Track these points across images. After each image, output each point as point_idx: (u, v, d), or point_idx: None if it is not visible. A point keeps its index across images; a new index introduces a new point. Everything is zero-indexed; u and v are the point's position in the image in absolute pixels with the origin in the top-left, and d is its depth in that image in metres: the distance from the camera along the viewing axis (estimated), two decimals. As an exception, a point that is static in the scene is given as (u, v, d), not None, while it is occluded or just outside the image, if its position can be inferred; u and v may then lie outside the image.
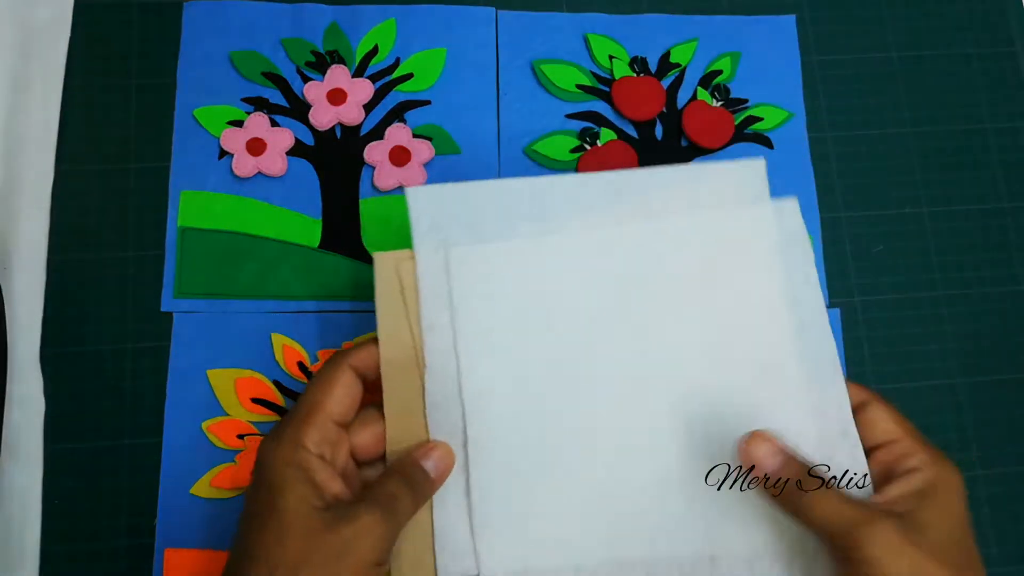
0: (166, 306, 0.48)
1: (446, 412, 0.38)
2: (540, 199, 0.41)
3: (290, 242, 0.49)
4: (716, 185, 0.41)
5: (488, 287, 0.39)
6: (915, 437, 0.37)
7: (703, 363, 0.40)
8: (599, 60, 0.53)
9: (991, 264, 0.52)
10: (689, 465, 0.39)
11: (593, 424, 0.39)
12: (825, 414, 0.39)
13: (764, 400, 0.39)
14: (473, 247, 0.40)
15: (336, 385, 0.36)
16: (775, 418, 0.38)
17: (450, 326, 0.39)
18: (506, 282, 0.40)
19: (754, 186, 0.41)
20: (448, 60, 0.53)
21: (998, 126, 0.55)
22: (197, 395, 0.46)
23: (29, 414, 0.46)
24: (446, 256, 0.39)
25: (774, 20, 0.55)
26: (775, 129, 0.53)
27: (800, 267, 0.40)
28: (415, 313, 0.39)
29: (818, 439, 0.38)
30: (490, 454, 0.38)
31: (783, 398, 0.39)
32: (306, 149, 0.51)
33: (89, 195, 0.49)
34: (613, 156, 0.51)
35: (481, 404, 0.39)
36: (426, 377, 0.38)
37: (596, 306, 0.40)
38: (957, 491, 0.35)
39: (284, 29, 0.52)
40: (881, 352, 0.50)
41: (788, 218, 0.41)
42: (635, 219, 0.41)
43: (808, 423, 0.38)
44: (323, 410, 0.35)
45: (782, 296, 0.40)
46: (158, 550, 0.44)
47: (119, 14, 0.52)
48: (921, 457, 0.36)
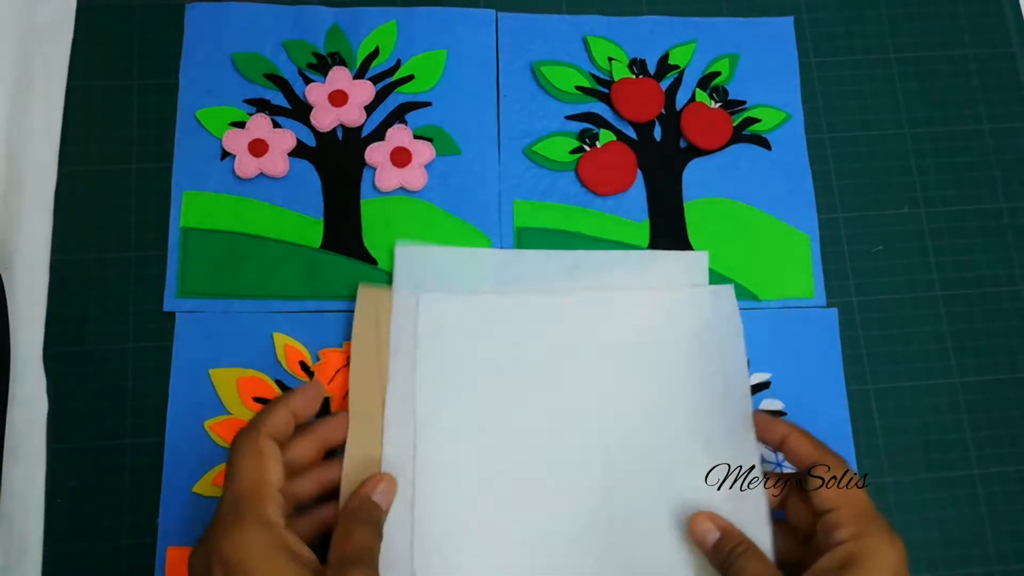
0: (168, 306, 0.48)
1: (400, 427, 0.44)
2: (506, 266, 0.48)
3: (292, 243, 0.49)
4: (665, 270, 0.49)
5: (447, 328, 0.46)
6: (851, 507, 0.38)
7: (635, 420, 0.46)
8: (598, 62, 0.53)
9: (990, 264, 0.53)
10: (616, 511, 0.44)
11: (525, 465, 0.44)
12: (739, 460, 0.44)
13: (688, 451, 0.45)
14: (440, 295, 0.47)
15: (266, 458, 0.37)
16: (696, 465, 0.44)
17: (412, 353, 0.46)
18: (463, 327, 0.47)
19: (696, 274, 0.49)
20: (449, 62, 0.53)
21: (996, 127, 0.55)
22: (199, 394, 0.46)
23: (31, 413, 0.46)
24: (416, 299, 0.47)
25: (772, 22, 0.55)
26: (773, 130, 0.53)
27: (730, 341, 0.47)
28: (385, 338, 0.46)
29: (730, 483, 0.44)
30: (433, 473, 0.44)
31: (704, 450, 0.44)
32: (308, 150, 0.51)
33: (91, 195, 0.50)
34: (612, 157, 0.52)
35: (429, 423, 0.45)
36: (388, 391, 0.45)
37: (541, 360, 0.46)
38: (885, 564, 0.36)
39: (286, 31, 0.53)
40: (880, 352, 0.50)
41: (724, 300, 0.48)
42: (588, 291, 0.48)
43: (723, 470, 0.44)
44: (268, 484, 0.37)
45: (710, 365, 0.46)
46: (160, 549, 0.44)
47: (121, 15, 0.53)
48: (849, 531, 0.37)
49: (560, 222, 0.51)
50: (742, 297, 0.50)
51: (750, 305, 0.50)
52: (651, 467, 0.45)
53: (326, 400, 0.47)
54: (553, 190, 0.51)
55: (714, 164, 0.52)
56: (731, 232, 0.51)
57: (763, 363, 0.49)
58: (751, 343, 0.49)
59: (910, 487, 0.48)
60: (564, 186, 0.52)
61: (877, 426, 0.49)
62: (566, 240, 0.50)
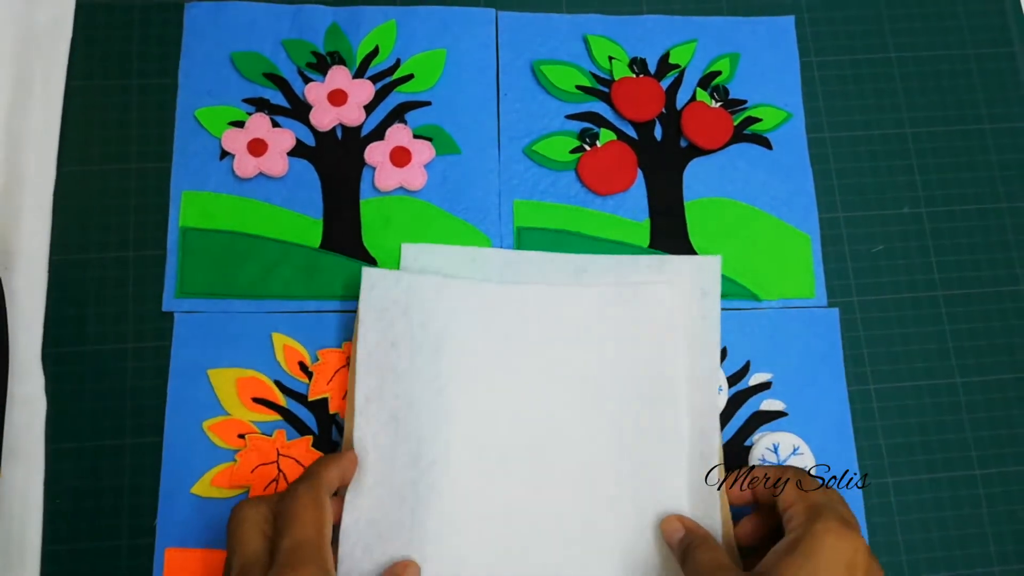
0: (167, 306, 0.48)
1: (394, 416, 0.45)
2: (512, 267, 0.48)
3: (291, 242, 0.49)
4: (676, 274, 0.48)
5: (459, 314, 0.46)
6: (805, 502, 0.39)
7: (596, 416, 0.45)
8: (599, 61, 0.53)
9: (990, 264, 0.52)
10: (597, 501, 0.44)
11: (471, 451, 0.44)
12: (705, 457, 0.45)
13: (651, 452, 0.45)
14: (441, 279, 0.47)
15: (326, 512, 0.39)
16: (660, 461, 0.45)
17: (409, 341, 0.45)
18: (467, 315, 0.46)
19: (709, 278, 0.48)
20: (448, 61, 0.53)
21: (997, 126, 0.55)
22: (198, 394, 0.46)
23: (30, 413, 0.46)
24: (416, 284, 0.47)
25: (773, 21, 0.55)
26: (774, 130, 0.53)
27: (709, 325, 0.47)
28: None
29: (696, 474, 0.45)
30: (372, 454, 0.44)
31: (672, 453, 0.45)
32: (307, 150, 0.51)
33: (91, 195, 0.50)
34: (612, 156, 0.52)
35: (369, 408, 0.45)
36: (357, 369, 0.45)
37: (540, 349, 0.46)
38: (831, 550, 0.36)
39: (285, 30, 0.52)
40: (880, 352, 0.50)
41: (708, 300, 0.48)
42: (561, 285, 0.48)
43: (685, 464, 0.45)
44: (326, 535, 0.38)
45: (679, 361, 0.46)
46: (158, 549, 0.44)
47: (121, 15, 0.52)
48: (800, 519, 0.38)
49: (560, 222, 0.51)
50: (743, 297, 0.50)
51: (751, 305, 0.50)
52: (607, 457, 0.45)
53: (324, 400, 0.47)
54: (553, 190, 0.51)
55: (715, 164, 0.52)
56: (732, 232, 0.51)
57: (764, 363, 0.49)
58: (752, 343, 0.49)
59: (911, 487, 0.48)
60: (564, 186, 0.51)
61: (878, 426, 0.49)
62: (566, 240, 0.50)
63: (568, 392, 0.46)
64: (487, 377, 0.45)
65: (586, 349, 0.46)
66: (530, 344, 0.46)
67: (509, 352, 0.46)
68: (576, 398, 0.46)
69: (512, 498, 0.44)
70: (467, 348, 0.46)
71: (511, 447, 0.45)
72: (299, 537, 0.36)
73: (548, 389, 0.46)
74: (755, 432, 0.48)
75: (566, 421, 0.45)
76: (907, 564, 0.47)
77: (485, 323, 0.46)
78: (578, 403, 0.46)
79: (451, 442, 0.44)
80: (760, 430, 0.48)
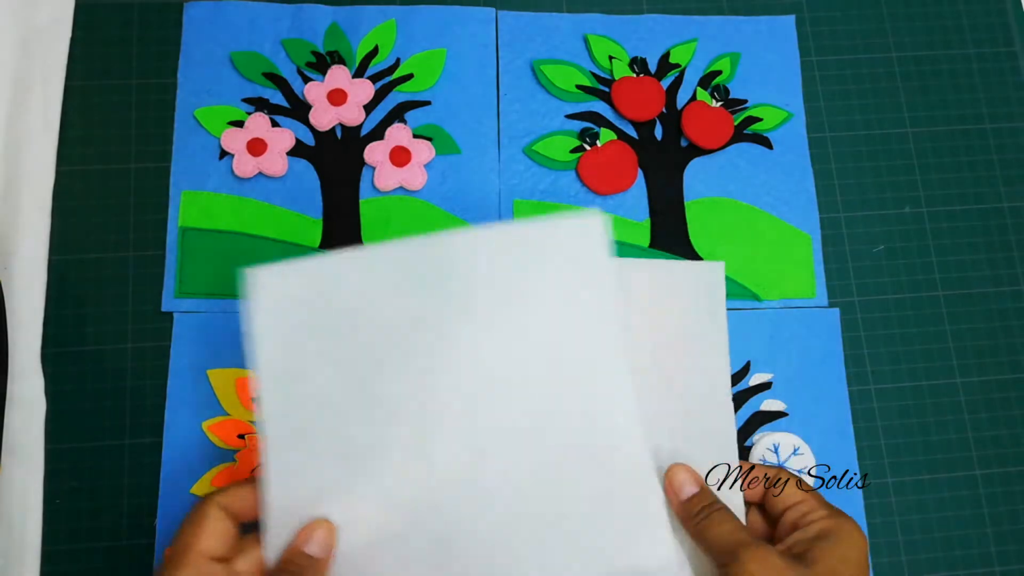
0: (167, 306, 0.48)
1: None
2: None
3: (290, 242, 0.49)
4: (679, 280, 0.44)
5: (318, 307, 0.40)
6: (818, 498, 0.40)
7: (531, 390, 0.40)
8: (599, 60, 0.53)
9: (991, 264, 0.52)
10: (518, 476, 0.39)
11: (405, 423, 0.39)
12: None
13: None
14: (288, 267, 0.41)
15: (204, 523, 0.36)
16: None
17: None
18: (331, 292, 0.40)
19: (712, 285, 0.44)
20: (448, 60, 0.53)
21: (998, 126, 0.55)
22: (198, 395, 0.46)
23: (30, 414, 0.46)
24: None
25: (773, 20, 0.55)
26: (774, 129, 0.53)
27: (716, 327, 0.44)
28: None
29: None
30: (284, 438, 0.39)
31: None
32: (306, 149, 0.51)
33: (90, 195, 0.50)
34: (612, 156, 0.52)
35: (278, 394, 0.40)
36: None
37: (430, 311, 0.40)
38: (856, 543, 0.37)
39: (284, 29, 0.52)
40: (881, 352, 0.50)
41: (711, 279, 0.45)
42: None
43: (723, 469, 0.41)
44: (194, 550, 0.36)
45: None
46: (158, 550, 0.44)
47: (120, 14, 0.52)
48: (821, 513, 0.38)
49: (560, 222, 0.51)
50: (743, 297, 0.50)
51: (751, 305, 0.50)
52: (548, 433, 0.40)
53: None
54: (553, 189, 0.51)
55: (715, 163, 0.52)
56: (732, 232, 0.51)
57: (764, 363, 0.49)
58: (752, 343, 0.49)
59: (911, 487, 0.48)
60: (564, 185, 0.51)
61: (878, 426, 0.49)
62: (566, 240, 0.50)
63: (504, 351, 0.40)
64: (413, 348, 0.40)
65: (510, 307, 0.40)
66: (454, 305, 0.40)
67: (432, 318, 0.40)
68: (512, 358, 0.40)
69: (449, 468, 0.39)
70: (386, 321, 0.40)
71: (446, 415, 0.40)
72: (167, 552, 0.36)
73: (480, 352, 0.40)
74: (755, 432, 0.48)
75: (505, 381, 0.40)
76: (907, 564, 0.47)
77: (401, 290, 0.40)
78: (514, 362, 0.40)
79: (385, 426, 0.39)
80: (760, 430, 0.48)
